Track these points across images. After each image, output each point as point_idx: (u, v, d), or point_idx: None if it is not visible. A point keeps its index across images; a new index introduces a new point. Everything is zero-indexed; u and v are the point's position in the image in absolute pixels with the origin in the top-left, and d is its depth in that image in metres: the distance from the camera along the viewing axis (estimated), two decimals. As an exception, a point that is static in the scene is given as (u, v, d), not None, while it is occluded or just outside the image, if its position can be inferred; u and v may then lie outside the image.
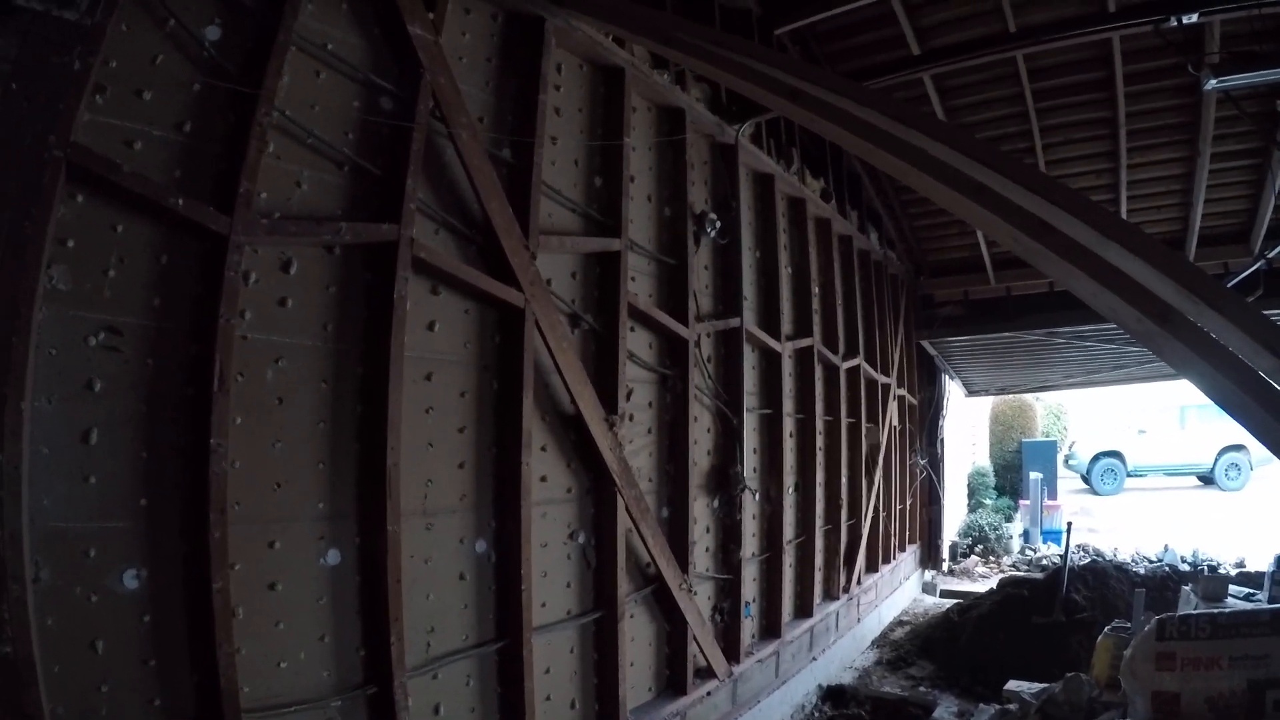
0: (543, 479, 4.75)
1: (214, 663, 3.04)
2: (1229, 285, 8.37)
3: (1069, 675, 6.44)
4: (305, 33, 3.57)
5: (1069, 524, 10.56)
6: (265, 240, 3.36)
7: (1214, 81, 6.85)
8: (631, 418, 5.52)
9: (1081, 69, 8.35)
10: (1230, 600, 6.77)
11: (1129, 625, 6.86)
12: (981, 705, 7.11)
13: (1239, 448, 21.91)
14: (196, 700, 3.08)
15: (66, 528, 2.82)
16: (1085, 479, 23.86)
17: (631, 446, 5.48)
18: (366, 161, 3.82)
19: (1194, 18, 6.23)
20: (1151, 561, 11.79)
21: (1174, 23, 6.27)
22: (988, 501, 18.00)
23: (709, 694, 6.17)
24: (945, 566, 14.21)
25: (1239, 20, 6.75)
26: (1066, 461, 23.70)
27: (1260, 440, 2.89)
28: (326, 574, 3.57)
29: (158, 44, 3.10)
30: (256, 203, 3.33)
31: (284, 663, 3.39)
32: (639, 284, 5.68)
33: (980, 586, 12.23)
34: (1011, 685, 6.97)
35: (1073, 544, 9.96)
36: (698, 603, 6.08)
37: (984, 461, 20.21)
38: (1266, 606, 5.75)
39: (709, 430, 6.57)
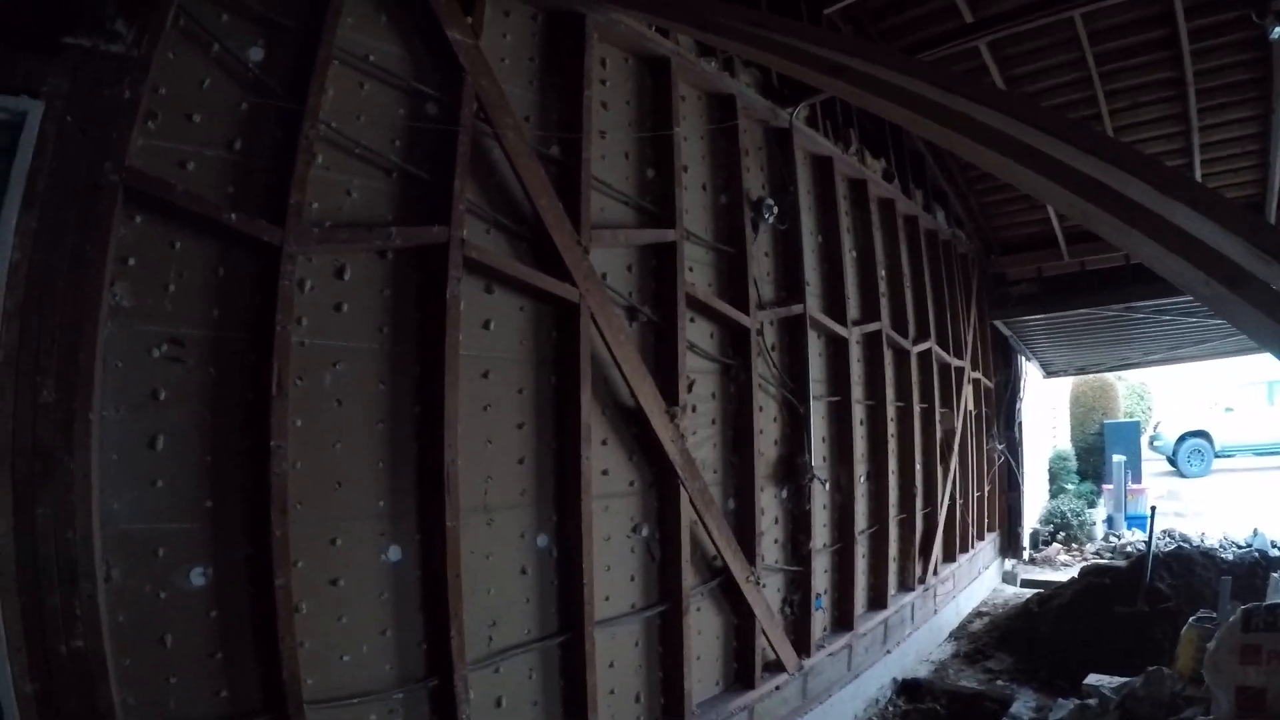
0: (604, 472, 4.85)
1: (277, 656, 3.22)
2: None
3: (1150, 669, 6.34)
4: (347, 46, 3.72)
5: (1153, 509, 10.35)
6: (317, 249, 3.53)
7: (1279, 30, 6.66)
8: (694, 409, 5.58)
9: (1143, 28, 8.10)
10: (1322, 588, 6.58)
11: (1215, 615, 6.72)
12: (1060, 700, 7.03)
13: (1334, 424, 21.28)
14: (262, 692, 3.26)
15: (136, 529, 3.03)
16: (1171, 461, 23.23)
17: (695, 438, 5.54)
18: (414, 167, 3.95)
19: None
20: (1240, 546, 11.46)
21: None
22: (1069, 486, 17.69)
23: (778, 688, 6.20)
24: (1026, 555, 13.98)
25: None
26: (1151, 443, 23.15)
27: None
28: (388, 570, 3.73)
29: (204, 68, 3.29)
30: (308, 213, 3.50)
31: (347, 656, 3.55)
32: (697, 274, 5.73)
33: (1062, 575, 12.00)
34: (1091, 679, 6.89)
35: (1158, 529, 9.74)
36: (766, 595, 6.12)
37: (1065, 445, 19.86)
38: (1360, 596, 5.52)
39: (775, 419, 6.60)
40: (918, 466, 9.22)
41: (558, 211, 4.46)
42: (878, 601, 8.25)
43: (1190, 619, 6.82)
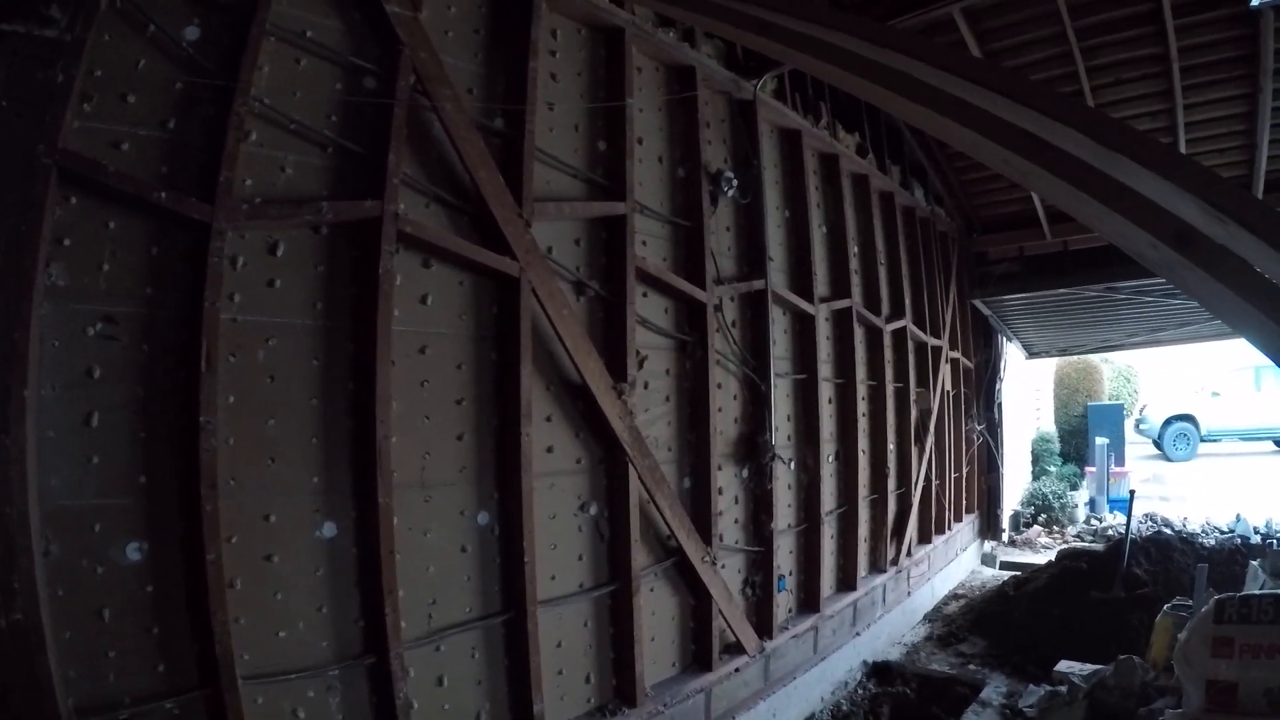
0: (549, 450, 4.99)
1: (211, 631, 3.39)
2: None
3: (1121, 658, 6.46)
4: (283, 22, 3.86)
5: (1132, 492, 10.53)
6: (249, 225, 3.68)
7: None
8: (647, 386, 5.72)
9: (1126, 2, 8.23)
10: (1303, 577, 6.58)
11: (1191, 603, 6.76)
12: (1031, 686, 7.24)
13: (1320, 411, 21.79)
14: (198, 667, 3.43)
15: (73, 505, 3.21)
16: (1157, 444, 23.73)
17: (647, 415, 5.68)
18: (350, 142, 4.08)
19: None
20: (1222, 532, 11.67)
21: None
22: (1052, 469, 17.97)
23: (738, 670, 6.33)
24: (1006, 537, 14.20)
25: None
26: (1138, 426, 23.63)
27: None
28: (323, 546, 3.90)
29: (139, 50, 3.44)
30: (241, 190, 3.66)
31: (283, 632, 3.73)
32: (651, 248, 5.85)
33: (1042, 558, 12.19)
34: (1062, 666, 7.10)
35: (1140, 513, 9.81)
36: (726, 576, 6.27)
37: (1049, 427, 20.15)
38: (1339, 586, 5.48)
39: (735, 397, 6.72)
40: (890, 446, 9.37)
41: (498, 184, 4.59)
42: (846, 583, 8.41)
43: (1165, 607, 6.92)
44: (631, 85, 5.64)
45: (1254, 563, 7.33)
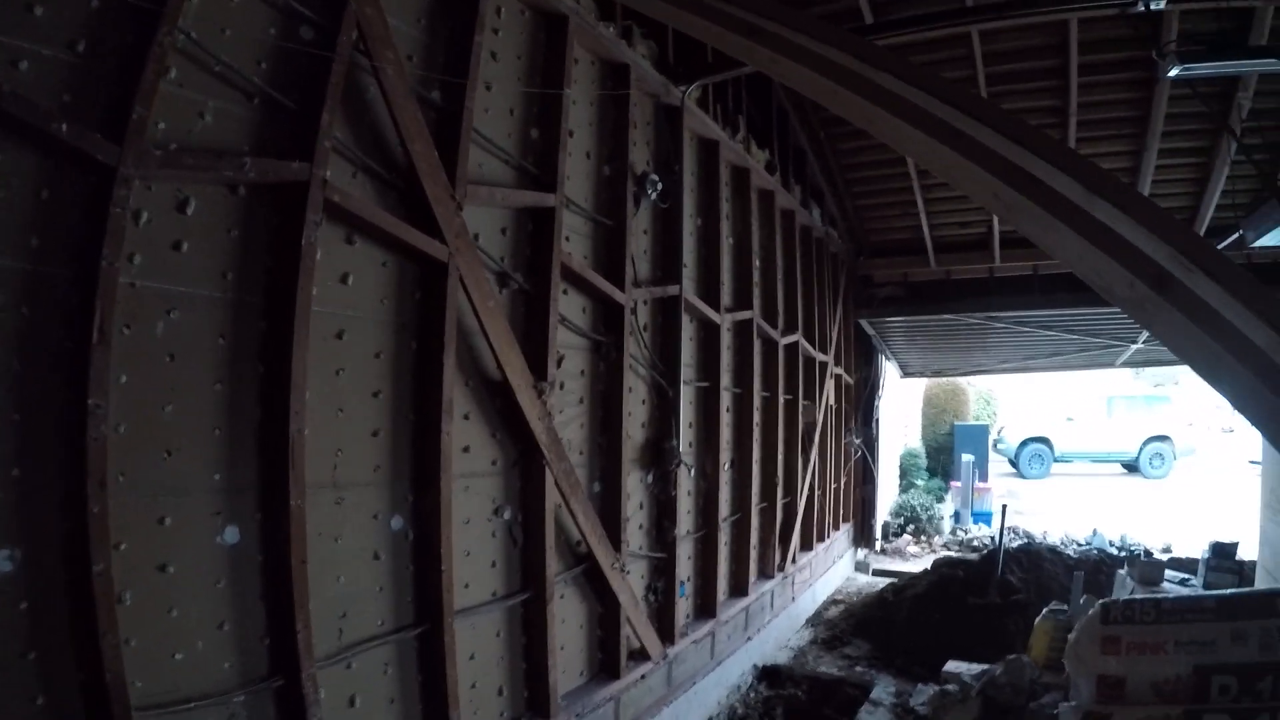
0: (465, 449, 4.47)
1: (98, 655, 2.70)
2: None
3: (1010, 657, 6.62)
4: (222, -52, 3.18)
5: (1004, 506, 10.80)
6: (159, 174, 2.97)
7: (1177, 69, 6.74)
8: (563, 386, 5.31)
9: (1037, 55, 8.55)
10: (1166, 585, 7.16)
11: (1065, 608, 7.21)
12: (920, 685, 7.33)
13: (1163, 438, 23.80)
14: (83, 697, 2.73)
15: (-67, 503, 2.48)
16: (1013, 463, 25.08)
17: (562, 417, 5.27)
18: (280, 94, 3.44)
19: (1161, 4, 6.06)
20: (1081, 545, 12.30)
21: (1141, 7, 6.13)
22: (919, 482, 18.35)
23: (644, 677, 6.09)
24: (878, 546, 14.55)
25: (1198, 14, 6.92)
26: (995, 446, 24.62)
27: (1257, 424, 2.55)
28: (224, 554, 3.24)
29: (54, -46, 2.71)
30: (153, 133, 2.95)
31: (180, 654, 3.06)
32: (574, 244, 5.44)
33: (912, 566, 12.54)
34: (951, 666, 7.28)
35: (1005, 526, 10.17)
36: (631, 582, 5.94)
37: (916, 443, 20.64)
38: (1211, 593, 5.88)
39: (644, 402, 6.41)
40: (780, 456, 9.33)
41: (433, 160, 4.03)
42: (739, 589, 8.28)
43: (1044, 610, 7.25)
44: (569, 75, 5.19)
45: (1121, 571, 7.85)
